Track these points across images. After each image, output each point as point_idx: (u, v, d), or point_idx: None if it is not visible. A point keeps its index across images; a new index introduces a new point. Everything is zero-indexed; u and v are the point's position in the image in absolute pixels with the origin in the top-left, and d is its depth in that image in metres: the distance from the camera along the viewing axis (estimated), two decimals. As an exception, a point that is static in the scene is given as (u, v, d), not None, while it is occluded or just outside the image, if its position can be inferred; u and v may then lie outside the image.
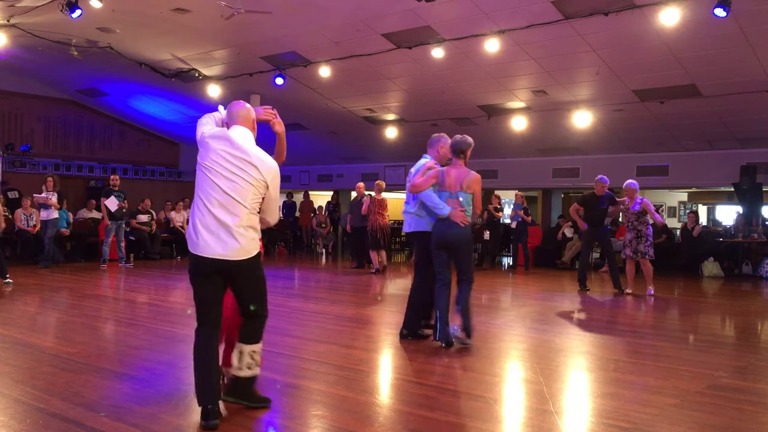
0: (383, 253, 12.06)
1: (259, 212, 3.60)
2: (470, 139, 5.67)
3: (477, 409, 3.77)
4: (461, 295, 5.45)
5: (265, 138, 4.07)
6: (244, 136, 3.64)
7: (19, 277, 10.08)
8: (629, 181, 9.50)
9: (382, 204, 12.00)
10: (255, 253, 3.55)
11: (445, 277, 5.49)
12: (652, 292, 8.96)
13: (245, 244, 3.47)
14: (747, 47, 9.24)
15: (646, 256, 8.99)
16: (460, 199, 5.43)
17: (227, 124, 3.80)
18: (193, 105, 15.31)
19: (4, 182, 14.47)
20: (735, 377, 4.64)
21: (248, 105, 3.82)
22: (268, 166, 3.61)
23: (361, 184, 13.09)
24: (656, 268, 10.35)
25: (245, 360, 3.58)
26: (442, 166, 5.71)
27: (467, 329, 5.41)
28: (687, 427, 3.49)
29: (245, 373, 3.59)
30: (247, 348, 3.59)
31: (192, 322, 4.02)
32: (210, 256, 3.43)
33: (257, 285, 3.64)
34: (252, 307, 3.61)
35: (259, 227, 3.61)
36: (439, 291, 5.46)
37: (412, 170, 5.80)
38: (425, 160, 5.79)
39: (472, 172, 5.56)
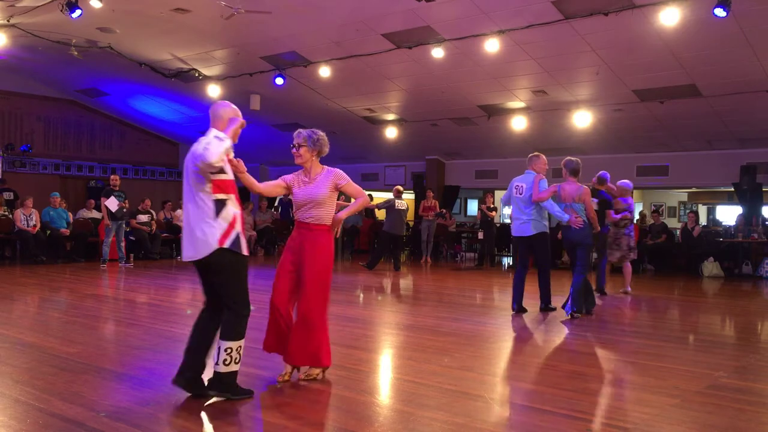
0: None
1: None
2: (580, 162, 7.25)
3: (477, 409, 3.77)
4: (576, 280, 7.01)
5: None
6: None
7: (19, 277, 10.08)
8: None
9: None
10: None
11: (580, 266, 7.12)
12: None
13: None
14: (747, 47, 9.24)
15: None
16: (575, 208, 7.01)
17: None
18: (193, 105, 15.31)
19: (2, 180, 14.49)
20: (735, 377, 4.64)
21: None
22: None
23: (399, 187, 13.01)
24: (657, 269, 10.39)
25: (221, 356, 3.71)
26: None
27: (578, 305, 7.00)
28: (687, 427, 3.49)
29: (221, 368, 3.71)
30: (224, 344, 3.72)
31: (191, 323, 4.04)
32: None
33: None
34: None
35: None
36: (576, 277, 7.04)
37: (522, 184, 7.24)
38: (533, 175, 7.20)
39: (583, 186, 7.12)
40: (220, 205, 3.69)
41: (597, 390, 4.32)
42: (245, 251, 3.77)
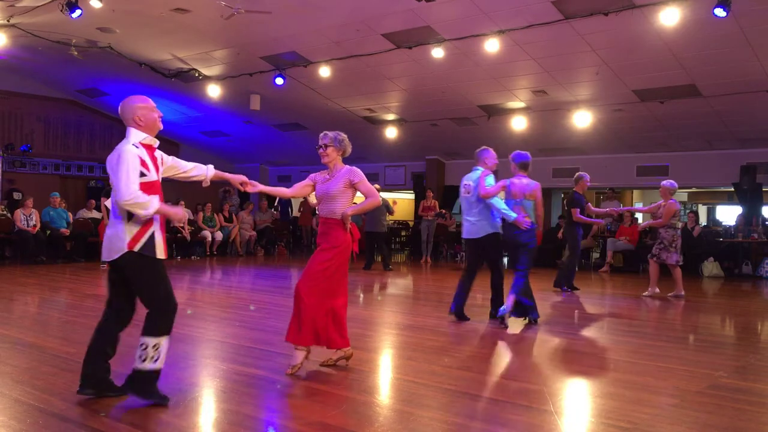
0: None
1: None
2: (530, 155, 6.75)
3: (477, 409, 3.77)
4: (518, 282, 6.38)
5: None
6: None
7: (19, 277, 10.08)
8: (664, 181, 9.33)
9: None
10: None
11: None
12: (672, 295, 8.92)
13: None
14: (747, 47, 9.24)
15: (653, 258, 9.00)
16: (525, 205, 6.41)
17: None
18: (193, 105, 15.31)
19: (10, 180, 14.55)
20: (735, 377, 4.64)
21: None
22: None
23: (376, 185, 13.08)
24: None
25: (138, 351, 3.67)
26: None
27: (535, 308, 6.45)
28: (687, 427, 3.49)
29: (137, 364, 3.64)
30: (142, 339, 3.68)
31: (191, 323, 4.03)
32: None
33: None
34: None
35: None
36: (518, 278, 6.41)
37: (470, 182, 6.63)
38: (480, 171, 6.59)
39: (534, 182, 6.57)
40: None
41: (597, 390, 4.32)
42: (160, 254, 3.67)
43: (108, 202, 11.73)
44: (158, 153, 3.89)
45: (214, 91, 13.40)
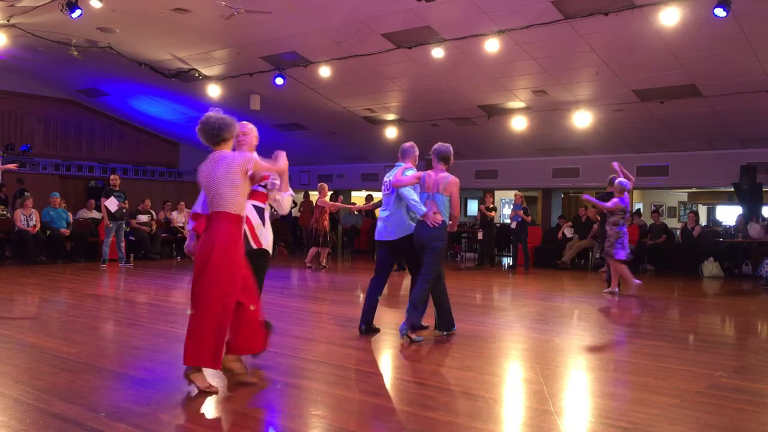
0: (325, 251, 12.83)
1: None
2: (451, 147, 6.23)
3: (477, 409, 3.77)
4: (420, 288, 5.63)
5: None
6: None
7: (19, 277, 10.08)
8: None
9: (324, 207, 12.43)
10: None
11: (438, 273, 5.80)
12: (608, 291, 9.14)
13: None
14: (747, 47, 9.24)
15: (608, 257, 9.12)
16: (437, 200, 5.74)
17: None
18: (193, 105, 15.31)
19: (20, 180, 14.60)
20: (735, 377, 4.64)
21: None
22: None
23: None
24: (657, 269, 10.32)
25: None
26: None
27: (414, 326, 5.60)
28: (687, 427, 3.49)
29: None
30: None
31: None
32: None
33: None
34: None
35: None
36: (420, 284, 5.74)
37: (390, 178, 6.13)
38: (402, 165, 6.19)
39: (451, 175, 5.93)
40: None
41: (597, 390, 4.32)
42: (250, 247, 4.53)
43: (108, 203, 11.76)
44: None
45: (214, 91, 13.40)
